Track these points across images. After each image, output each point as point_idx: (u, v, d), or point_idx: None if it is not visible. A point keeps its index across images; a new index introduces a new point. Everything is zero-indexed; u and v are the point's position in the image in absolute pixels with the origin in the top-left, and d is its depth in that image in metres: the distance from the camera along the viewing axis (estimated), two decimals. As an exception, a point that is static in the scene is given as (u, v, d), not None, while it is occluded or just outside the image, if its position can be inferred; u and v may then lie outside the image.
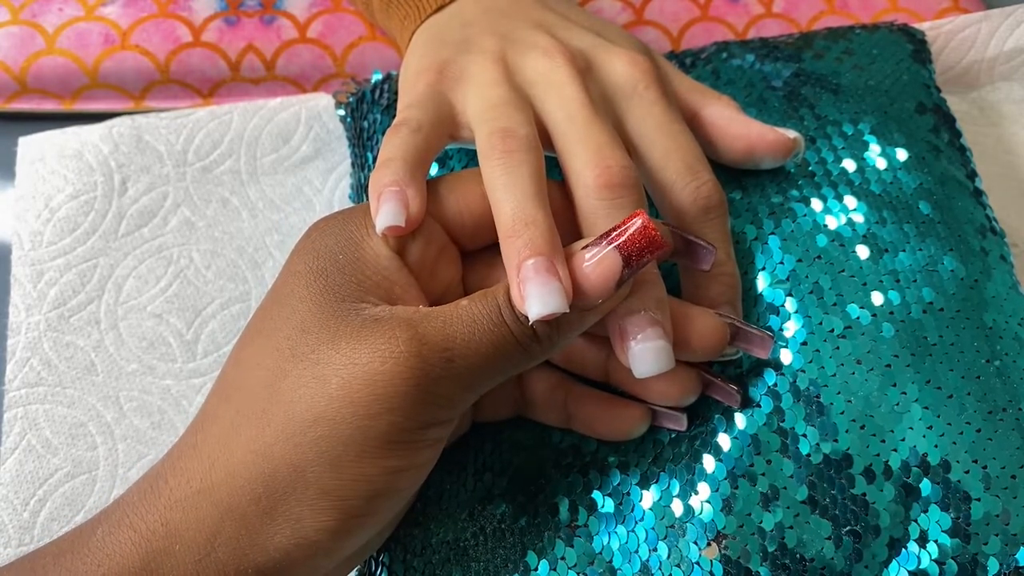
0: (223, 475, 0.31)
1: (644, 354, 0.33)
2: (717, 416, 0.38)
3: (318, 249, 0.34)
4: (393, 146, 0.35)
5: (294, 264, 0.34)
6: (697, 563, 0.36)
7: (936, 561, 0.35)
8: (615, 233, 0.32)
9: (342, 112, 0.50)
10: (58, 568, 0.30)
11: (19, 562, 0.31)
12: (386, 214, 0.33)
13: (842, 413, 0.37)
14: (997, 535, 0.35)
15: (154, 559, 0.30)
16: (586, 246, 0.33)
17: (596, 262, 0.32)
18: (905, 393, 0.37)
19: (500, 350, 0.32)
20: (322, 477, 0.30)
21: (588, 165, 0.35)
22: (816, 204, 0.41)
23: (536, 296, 0.31)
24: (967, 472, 0.36)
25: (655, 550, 0.36)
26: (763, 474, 0.36)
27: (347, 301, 0.32)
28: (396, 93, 0.48)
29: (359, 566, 0.39)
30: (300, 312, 0.32)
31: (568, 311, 0.31)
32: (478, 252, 0.37)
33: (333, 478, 0.30)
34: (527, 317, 0.31)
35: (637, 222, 0.32)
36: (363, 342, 0.31)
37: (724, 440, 0.37)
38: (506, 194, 0.34)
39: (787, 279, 0.39)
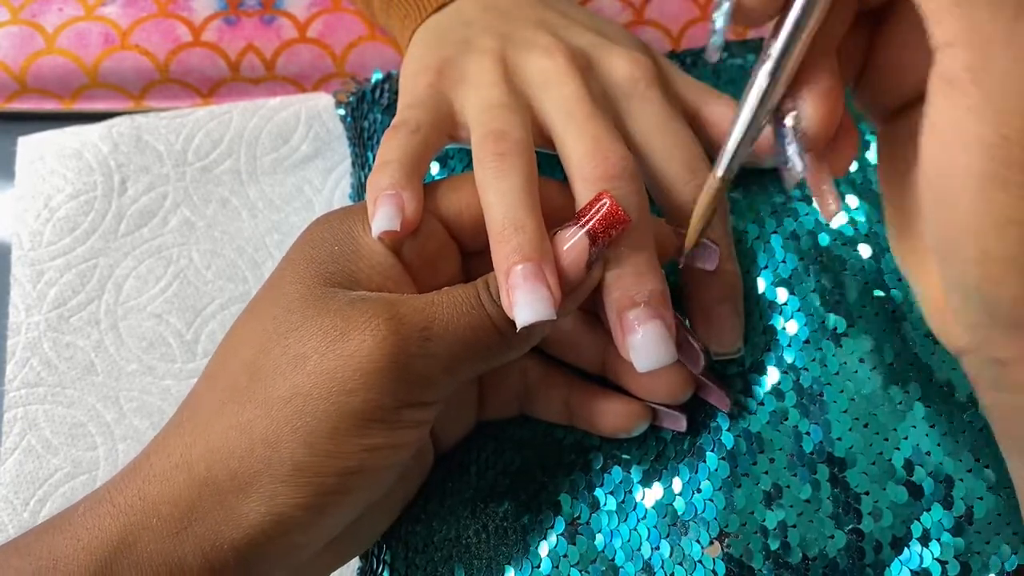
0: (202, 450, 0.31)
1: (645, 348, 0.33)
2: (720, 414, 0.38)
3: (315, 241, 0.34)
4: (391, 148, 0.35)
5: (291, 253, 0.35)
6: (700, 561, 0.35)
7: (938, 560, 0.35)
8: (585, 217, 0.33)
9: (342, 112, 0.50)
10: (39, 544, 0.31)
11: (6, 545, 0.32)
12: (381, 218, 0.33)
13: (845, 411, 0.37)
14: (999, 534, 0.35)
15: (131, 532, 0.30)
16: (557, 233, 0.33)
17: (570, 247, 0.32)
18: (908, 392, 0.37)
19: (478, 333, 0.32)
20: (296, 452, 0.30)
21: (586, 157, 0.35)
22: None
23: (524, 303, 0.31)
24: (969, 471, 0.36)
25: (657, 548, 0.36)
26: (766, 472, 0.36)
27: (336, 287, 0.33)
28: (396, 93, 0.48)
29: (360, 563, 0.39)
30: (288, 294, 0.33)
31: (556, 318, 0.31)
32: (481, 252, 0.37)
33: (307, 453, 0.30)
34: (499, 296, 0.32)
35: (605, 203, 0.33)
36: (345, 320, 0.31)
37: (727, 438, 0.37)
38: (497, 198, 0.34)
39: (789, 278, 0.39)
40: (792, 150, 0.30)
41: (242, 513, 0.31)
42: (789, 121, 0.30)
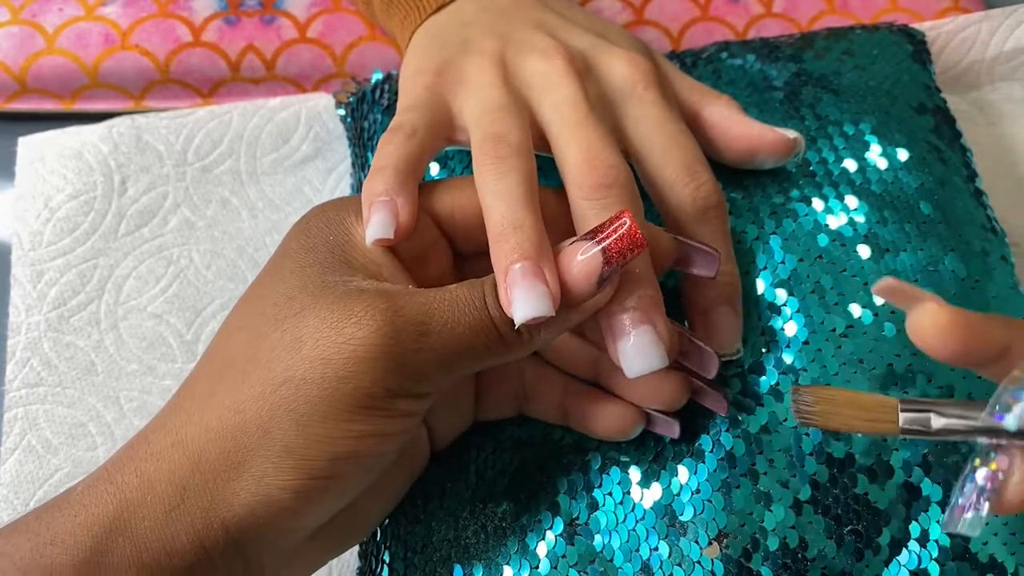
0: (197, 429, 0.32)
1: (635, 353, 0.33)
2: (719, 415, 0.38)
3: (311, 230, 0.35)
4: (386, 153, 0.35)
5: (287, 242, 0.35)
6: (698, 562, 0.35)
7: (936, 560, 0.35)
8: (603, 234, 0.32)
9: (342, 112, 0.50)
10: (39, 522, 0.31)
11: (8, 525, 0.32)
12: (375, 225, 0.33)
13: (844, 412, 0.37)
14: (996, 534, 0.36)
15: (127, 509, 0.31)
16: (572, 244, 0.33)
17: (583, 261, 0.32)
18: (907, 393, 0.37)
19: (478, 334, 0.32)
20: (287, 434, 0.31)
21: (578, 165, 0.35)
22: (817, 204, 0.41)
23: (522, 300, 0.31)
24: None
25: (656, 549, 0.36)
26: (765, 473, 0.36)
27: (335, 275, 0.33)
28: (397, 93, 0.48)
29: (360, 563, 0.39)
30: (288, 282, 0.33)
31: (554, 315, 0.31)
32: (476, 257, 0.37)
33: (298, 436, 0.31)
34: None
35: (625, 223, 0.32)
36: (343, 308, 0.31)
37: (726, 439, 0.37)
38: (496, 199, 0.34)
39: (788, 279, 0.39)
40: (975, 508, 0.28)
41: (232, 492, 0.31)
42: (981, 479, 0.28)
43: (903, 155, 0.43)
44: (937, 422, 0.28)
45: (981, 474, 0.28)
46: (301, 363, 0.31)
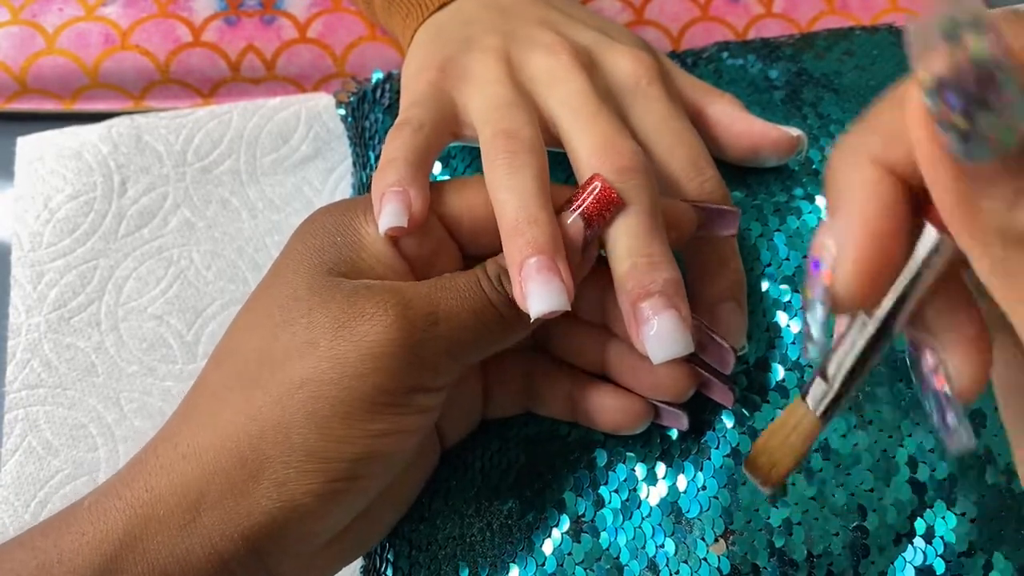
0: (210, 439, 0.31)
1: (660, 339, 0.33)
2: (725, 412, 0.38)
3: (317, 230, 0.35)
4: (395, 146, 0.35)
5: (293, 243, 0.35)
6: (704, 559, 0.35)
7: (942, 557, 0.35)
8: (577, 200, 0.33)
9: (343, 111, 0.50)
10: (44, 540, 0.31)
11: (12, 540, 0.32)
12: (388, 215, 0.33)
13: (849, 408, 0.37)
14: (1002, 531, 0.35)
15: (138, 525, 0.30)
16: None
17: (566, 228, 0.33)
18: (912, 389, 0.37)
19: (480, 316, 0.32)
20: (308, 438, 0.31)
21: (596, 152, 0.35)
22: (820, 202, 0.41)
23: (537, 294, 0.31)
24: (972, 468, 0.36)
25: (662, 546, 0.36)
26: (770, 470, 0.36)
27: (339, 275, 0.33)
28: (398, 92, 0.48)
29: (364, 561, 0.39)
30: (294, 283, 0.33)
31: (569, 308, 0.31)
32: (477, 256, 0.37)
33: (319, 439, 0.31)
34: (501, 282, 0.33)
35: (597, 186, 0.33)
36: (353, 307, 0.31)
37: (732, 435, 0.37)
38: (509, 194, 0.34)
39: (793, 275, 0.39)
40: (953, 418, 0.25)
41: (253, 500, 0.31)
42: (945, 389, 0.25)
43: (905, 153, 0.43)
44: (831, 371, 0.26)
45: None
46: (318, 364, 0.31)
